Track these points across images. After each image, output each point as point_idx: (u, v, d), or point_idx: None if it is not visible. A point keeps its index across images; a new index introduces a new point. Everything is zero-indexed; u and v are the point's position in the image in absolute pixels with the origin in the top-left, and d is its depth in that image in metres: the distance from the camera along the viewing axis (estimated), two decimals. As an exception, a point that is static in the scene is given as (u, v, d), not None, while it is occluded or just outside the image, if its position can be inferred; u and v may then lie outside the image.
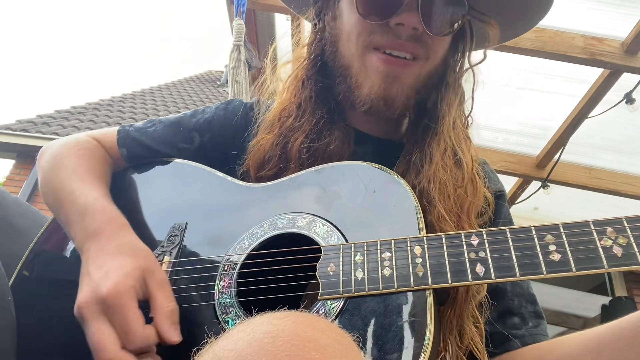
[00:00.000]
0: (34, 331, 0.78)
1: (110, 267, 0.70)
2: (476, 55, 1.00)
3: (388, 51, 0.87)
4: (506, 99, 2.80)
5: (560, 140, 3.04)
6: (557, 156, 3.14)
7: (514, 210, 3.93)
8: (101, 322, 0.65)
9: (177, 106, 9.49)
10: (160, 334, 0.67)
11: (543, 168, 3.31)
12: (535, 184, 3.48)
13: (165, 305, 0.70)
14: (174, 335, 0.68)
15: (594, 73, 2.64)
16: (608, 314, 5.05)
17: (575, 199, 3.67)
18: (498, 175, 1.10)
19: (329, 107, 0.96)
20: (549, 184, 3.36)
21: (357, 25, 0.89)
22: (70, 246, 0.89)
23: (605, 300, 5.34)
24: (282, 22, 3.12)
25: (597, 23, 2.44)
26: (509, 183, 3.66)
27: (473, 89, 0.98)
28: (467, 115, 0.98)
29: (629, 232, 0.60)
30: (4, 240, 0.95)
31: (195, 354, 0.44)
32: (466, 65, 0.98)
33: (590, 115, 2.82)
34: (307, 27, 1.14)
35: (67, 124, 7.41)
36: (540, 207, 3.95)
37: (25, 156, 6.96)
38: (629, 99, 2.66)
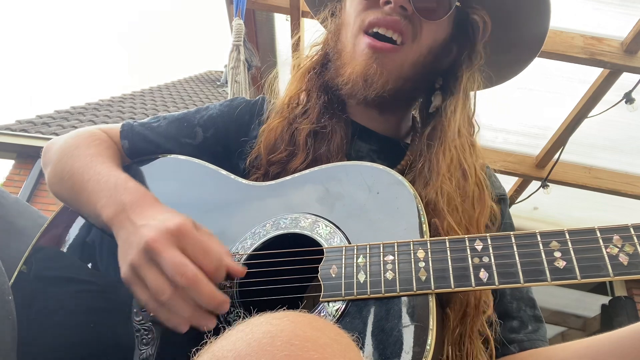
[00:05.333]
0: (34, 330, 0.78)
1: (164, 217, 0.71)
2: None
3: (376, 30, 0.90)
4: (506, 99, 2.80)
5: (560, 140, 3.03)
6: (556, 156, 3.14)
7: (514, 210, 3.92)
8: (177, 251, 0.66)
9: (177, 106, 9.48)
10: (230, 270, 0.70)
11: (543, 168, 3.30)
12: (535, 184, 3.48)
13: (223, 247, 0.73)
14: (240, 267, 0.72)
15: (594, 73, 2.64)
16: (608, 313, 5.05)
17: (575, 199, 3.67)
18: (498, 175, 1.10)
19: (329, 96, 1.00)
20: (548, 183, 3.35)
21: (356, 9, 0.93)
22: (74, 242, 0.89)
23: (605, 300, 5.33)
24: (281, 22, 3.12)
25: (597, 23, 2.43)
26: (508, 183, 3.66)
27: (475, 94, 0.99)
28: (471, 119, 0.98)
29: (636, 240, 0.59)
30: (4, 240, 0.95)
31: (194, 355, 0.44)
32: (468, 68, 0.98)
33: (590, 115, 2.81)
34: (307, 26, 1.15)
35: (67, 124, 7.40)
36: (540, 207, 3.94)
37: (25, 156, 6.96)
38: (628, 98, 2.66)
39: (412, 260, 0.67)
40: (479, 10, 0.97)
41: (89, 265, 0.86)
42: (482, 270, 0.64)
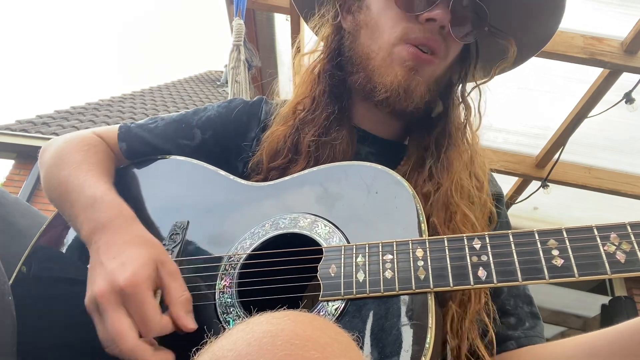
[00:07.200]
0: (34, 330, 0.78)
1: (125, 258, 0.70)
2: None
3: (416, 44, 0.90)
4: (506, 99, 2.80)
5: (560, 140, 3.03)
6: (556, 156, 3.14)
7: (514, 210, 3.94)
8: (120, 312, 0.66)
9: (177, 106, 9.49)
10: (177, 323, 0.68)
11: (543, 168, 3.31)
12: (535, 184, 3.48)
13: (180, 294, 0.71)
14: (190, 323, 0.69)
15: (594, 73, 2.64)
16: (608, 313, 5.05)
17: (575, 199, 3.67)
18: (498, 175, 1.12)
19: (340, 104, 0.98)
20: (548, 183, 3.35)
21: (393, 17, 0.91)
22: (73, 243, 0.89)
23: (605, 300, 5.34)
24: (281, 22, 3.12)
25: (597, 23, 2.43)
26: (508, 183, 3.66)
27: (479, 105, 1.01)
28: (475, 130, 1.01)
29: (633, 238, 0.59)
30: (4, 240, 0.95)
31: (195, 354, 0.44)
32: (471, 81, 1.02)
33: (590, 115, 2.81)
34: (307, 26, 1.14)
35: (67, 124, 7.41)
36: (540, 207, 3.95)
37: (25, 156, 6.96)
38: (628, 98, 2.66)
39: (411, 259, 0.67)
40: (504, 36, 0.98)
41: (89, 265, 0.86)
42: (481, 268, 0.64)
